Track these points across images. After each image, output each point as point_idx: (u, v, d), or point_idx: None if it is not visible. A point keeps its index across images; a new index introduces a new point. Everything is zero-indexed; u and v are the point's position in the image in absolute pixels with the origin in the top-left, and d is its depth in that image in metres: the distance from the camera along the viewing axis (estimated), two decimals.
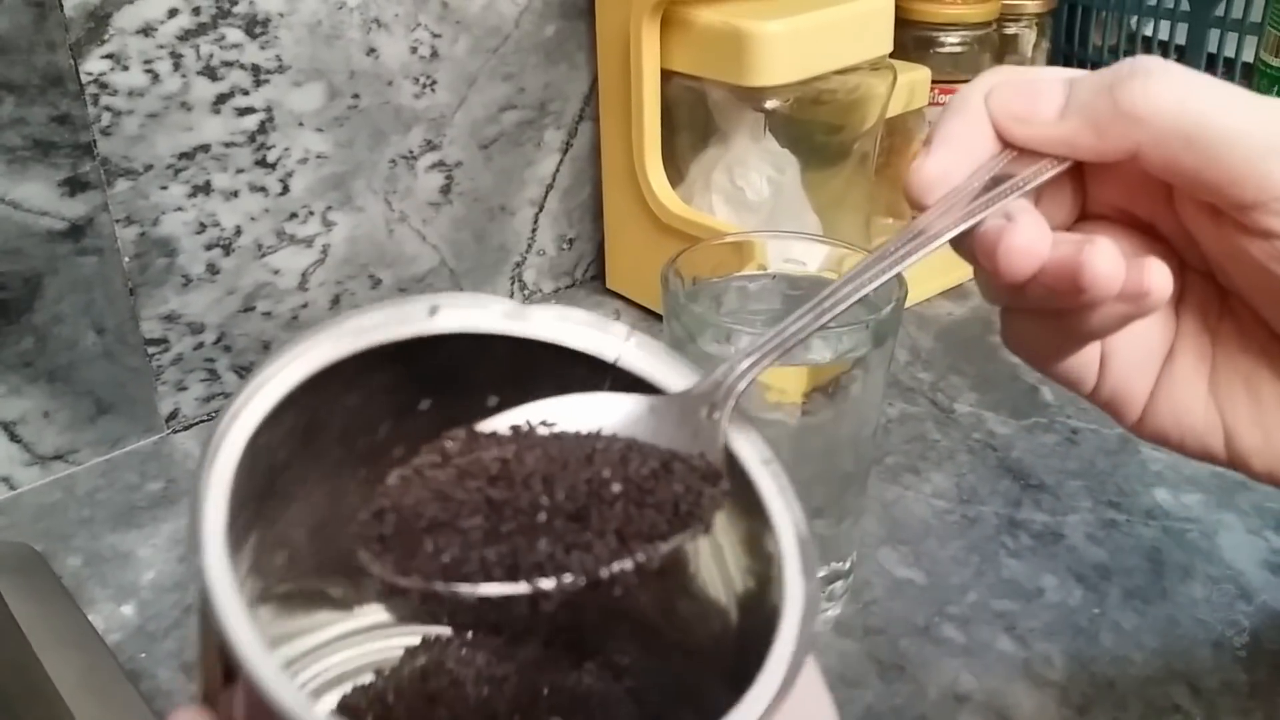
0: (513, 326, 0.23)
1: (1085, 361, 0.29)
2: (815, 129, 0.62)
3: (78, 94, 0.47)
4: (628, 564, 0.19)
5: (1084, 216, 0.28)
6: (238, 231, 0.54)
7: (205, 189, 0.52)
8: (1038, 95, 0.26)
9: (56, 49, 0.46)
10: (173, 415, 0.55)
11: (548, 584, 0.19)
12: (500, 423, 0.22)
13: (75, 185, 0.48)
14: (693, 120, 0.62)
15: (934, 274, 0.69)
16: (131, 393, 0.53)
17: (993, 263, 0.25)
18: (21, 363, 0.49)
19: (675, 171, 0.63)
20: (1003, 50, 0.76)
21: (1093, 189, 0.28)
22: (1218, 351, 0.28)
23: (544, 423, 0.22)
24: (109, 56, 0.47)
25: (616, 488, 0.20)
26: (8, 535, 0.48)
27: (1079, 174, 0.28)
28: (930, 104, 0.72)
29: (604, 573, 0.19)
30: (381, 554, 0.19)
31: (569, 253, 0.70)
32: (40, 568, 0.45)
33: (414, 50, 0.57)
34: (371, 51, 0.56)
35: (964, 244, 0.26)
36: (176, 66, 0.49)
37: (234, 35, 0.51)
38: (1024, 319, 0.29)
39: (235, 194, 0.53)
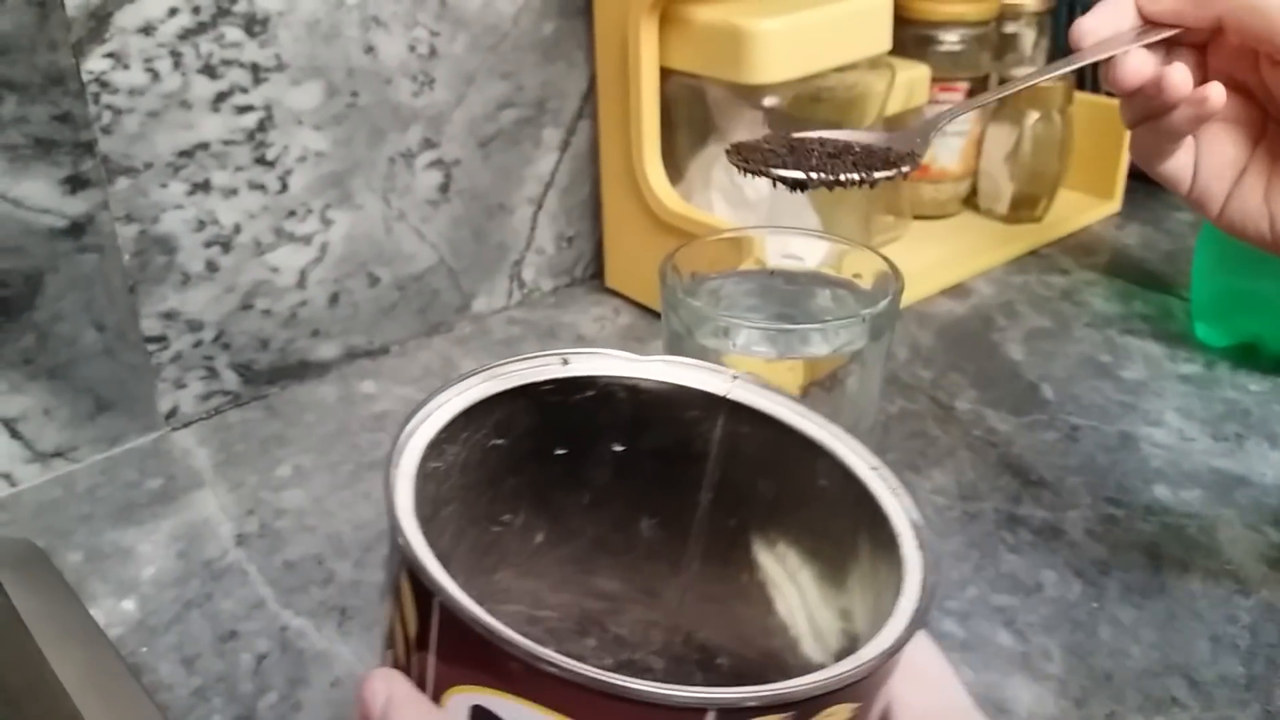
0: (636, 369, 0.28)
1: (1181, 167, 0.39)
2: (814, 125, 0.62)
3: (79, 92, 0.47)
4: (856, 177, 0.33)
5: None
6: (237, 229, 0.54)
7: (204, 187, 0.52)
8: None
9: (58, 48, 0.46)
10: (172, 413, 0.55)
11: (814, 175, 0.33)
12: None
13: (76, 183, 0.48)
14: (691, 118, 0.62)
15: (933, 271, 0.69)
16: (131, 390, 0.53)
17: (1115, 77, 0.37)
18: (22, 360, 0.49)
19: (674, 169, 0.63)
20: (1002, 48, 0.76)
21: (1210, 60, 0.38)
22: (1274, 173, 0.38)
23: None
24: (110, 55, 0.48)
25: (857, 149, 0.35)
26: (9, 531, 0.48)
27: (1201, 51, 0.38)
28: (929, 102, 0.72)
29: (844, 177, 0.33)
30: (734, 154, 0.34)
31: (568, 251, 0.70)
32: (42, 563, 0.45)
33: (412, 48, 0.57)
34: (370, 50, 0.56)
35: (1102, 71, 0.37)
36: (176, 65, 0.50)
37: (233, 34, 0.51)
38: (1141, 131, 0.39)
39: (234, 192, 0.54)
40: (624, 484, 0.29)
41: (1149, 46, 0.37)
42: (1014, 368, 0.60)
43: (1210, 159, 0.39)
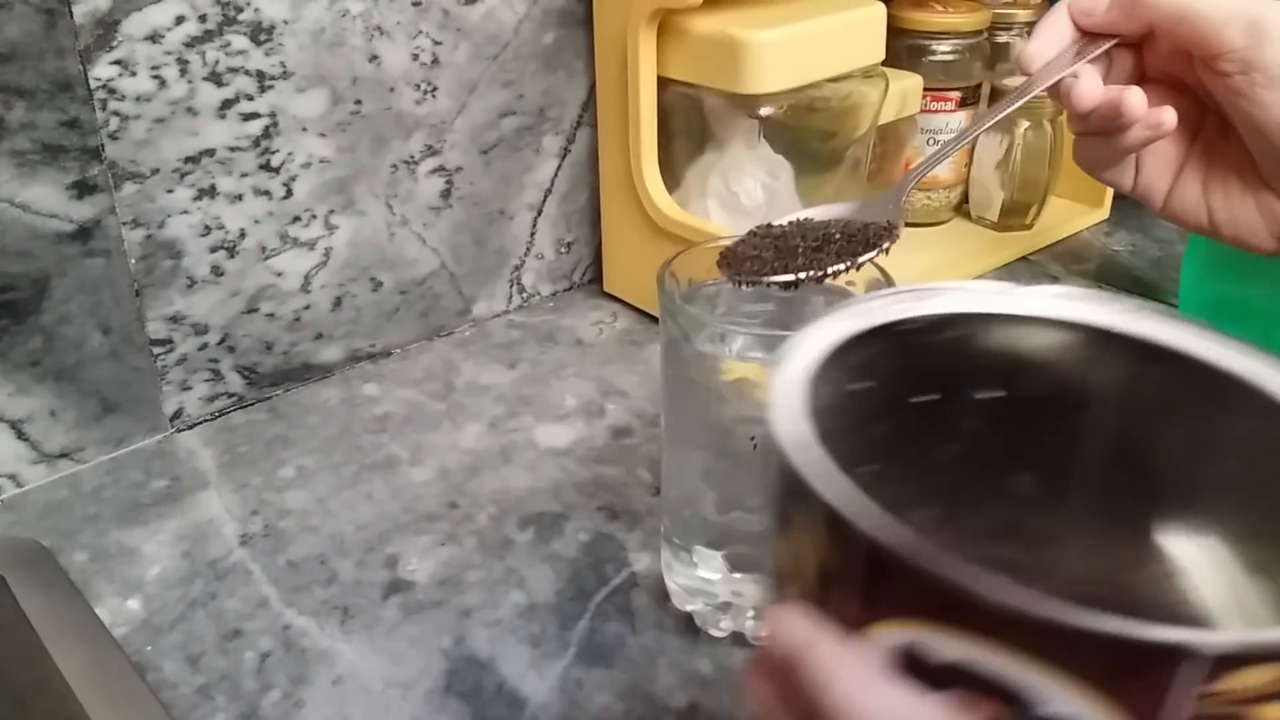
0: (1006, 304, 0.25)
1: (1125, 169, 0.42)
2: (809, 135, 0.63)
3: (86, 99, 0.48)
4: (842, 266, 0.36)
5: (1144, 80, 0.41)
6: (242, 234, 0.55)
7: (210, 192, 0.53)
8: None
9: (66, 55, 0.47)
10: (177, 414, 0.56)
11: (803, 275, 0.35)
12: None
13: (83, 188, 0.49)
14: (689, 127, 0.63)
15: (926, 278, 0.70)
16: (137, 392, 0.54)
17: (1068, 102, 0.39)
18: (29, 362, 0.50)
19: (671, 177, 0.64)
20: (994, 58, 0.77)
21: (1146, 58, 0.41)
22: (1209, 166, 0.41)
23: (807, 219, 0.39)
24: (117, 62, 0.48)
25: (837, 235, 0.37)
26: (15, 531, 0.49)
27: (1138, 50, 0.41)
28: (922, 111, 0.73)
29: (831, 270, 0.36)
30: (725, 266, 0.37)
31: (567, 256, 0.71)
32: (48, 563, 0.46)
33: (415, 57, 0.58)
34: (374, 58, 0.57)
35: (1054, 92, 0.40)
36: (183, 72, 0.50)
37: (239, 42, 0.52)
38: (1089, 141, 0.42)
39: (240, 197, 0.54)
40: (997, 434, 0.25)
41: (1094, 59, 0.40)
42: None
43: (1151, 158, 0.42)
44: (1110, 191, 0.82)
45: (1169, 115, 0.39)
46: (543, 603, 0.44)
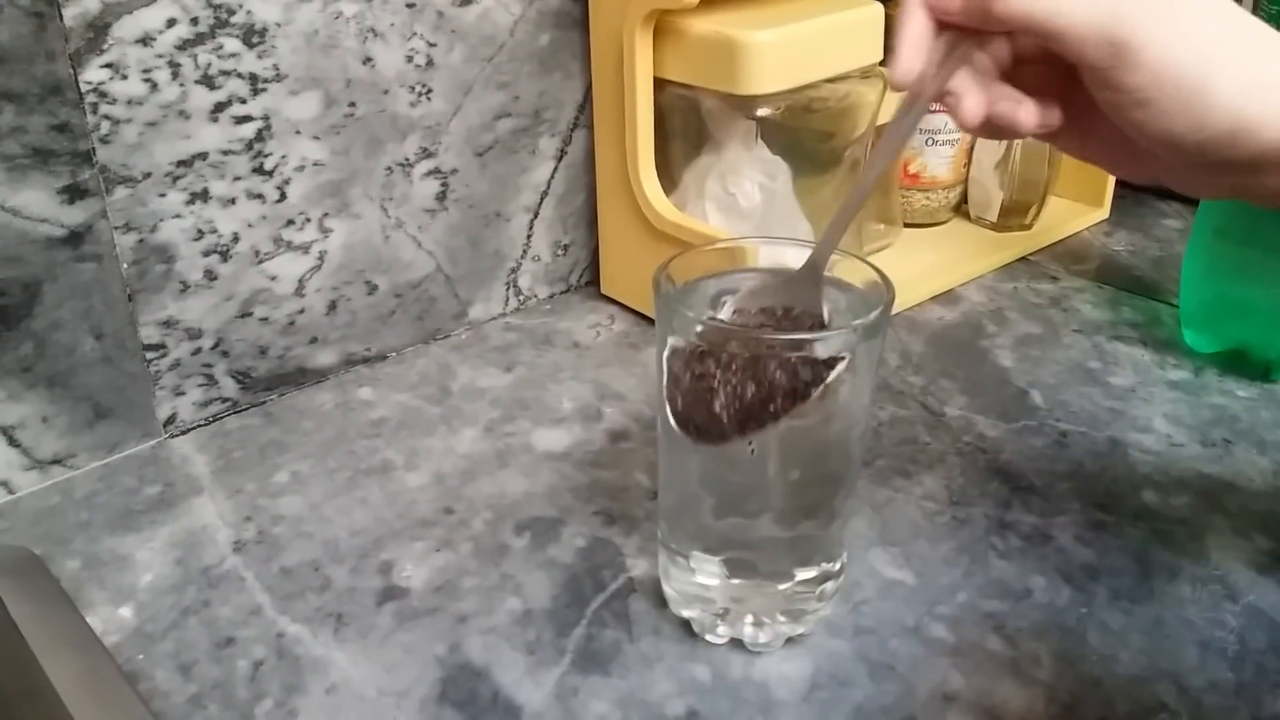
0: None
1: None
2: (807, 136, 0.62)
3: (77, 103, 0.48)
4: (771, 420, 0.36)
5: (1021, 59, 0.39)
6: (235, 238, 0.55)
7: (203, 196, 0.53)
8: None
9: (56, 58, 0.46)
10: (170, 420, 0.56)
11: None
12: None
13: (74, 193, 0.49)
14: (686, 128, 0.63)
15: (924, 279, 0.70)
16: (130, 397, 0.54)
17: (954, 119, 0.38)
18: (20, 368, 0.49)
19: (669, 179, 0.64)
20: None
21: (1018, 40, 0.38)
22: (1087, 128, 0.39)
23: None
24: (108, 66, 0.48)
25: (766, 386, 0.36)
26: (7, 539, 0.48)
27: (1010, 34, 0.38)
28: None
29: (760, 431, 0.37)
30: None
31: (564, 258, 0.70)
32: (39, 571, 0.46)
33: (410, 59, 0.58)
34: (368, 60, 0.56)
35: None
36: (175, 75, 0.50)
37: (232, 45, 0.51)
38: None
39: (233, 201, 0.54)
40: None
41: (990, 46, 0.37)
42: (1004, 374, 0.60)
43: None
44: (1110, 191, 0.81)
45: (1057, 117, 0.37)
46: (539, 609, 0.43)
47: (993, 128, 0.38)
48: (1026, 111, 0.37)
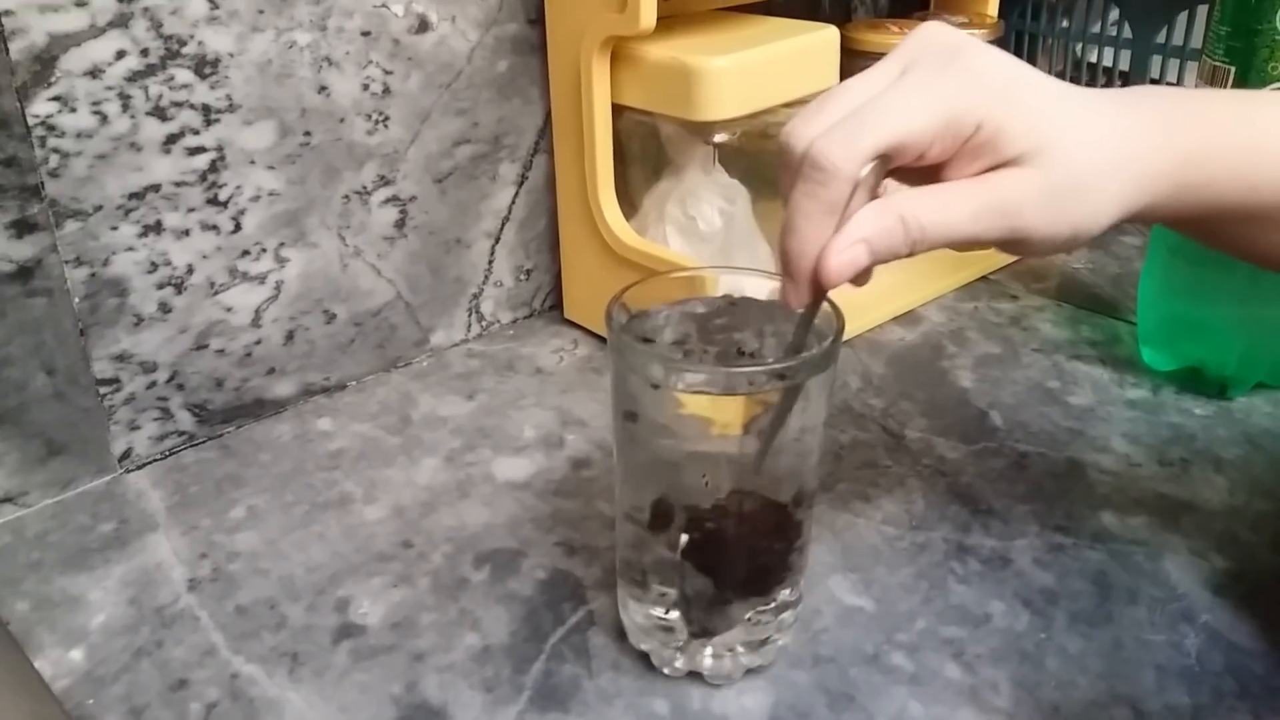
0: None
1: None
2: (765, 161, 0.63)
3: (24, 136, 0.47)
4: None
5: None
6: (189, 270, 0.54)
7: (156, 228, 0.52)
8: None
9: (2, 92, 0.46)
10: (125, 455, 0.55)
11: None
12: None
13: (23, 227, 0.48)
14: (645, 153, 0.63)
15: (884, 300, 0.70)
16: (83, 433, 0.53)
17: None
18: None
19: (629, 203, 0.64)
20: None
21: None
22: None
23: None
24: (56, 99, 0.47)
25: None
26: None
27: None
28: None
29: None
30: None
31: (526, 283, 0.70)
32: None
33: (366, 87, 0.58)
34: (323, 89, 0.56)
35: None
36: (125, 107, 0.50)
37: (183, 76, 0.51)
38: None
39: (187, 233, 0.53)
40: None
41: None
42: (964, 395, 0.60)
43: None
44: None
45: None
46: (497, 645, 0.43)
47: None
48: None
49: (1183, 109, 0.37)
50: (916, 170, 0.36)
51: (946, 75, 0.35)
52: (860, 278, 0.37)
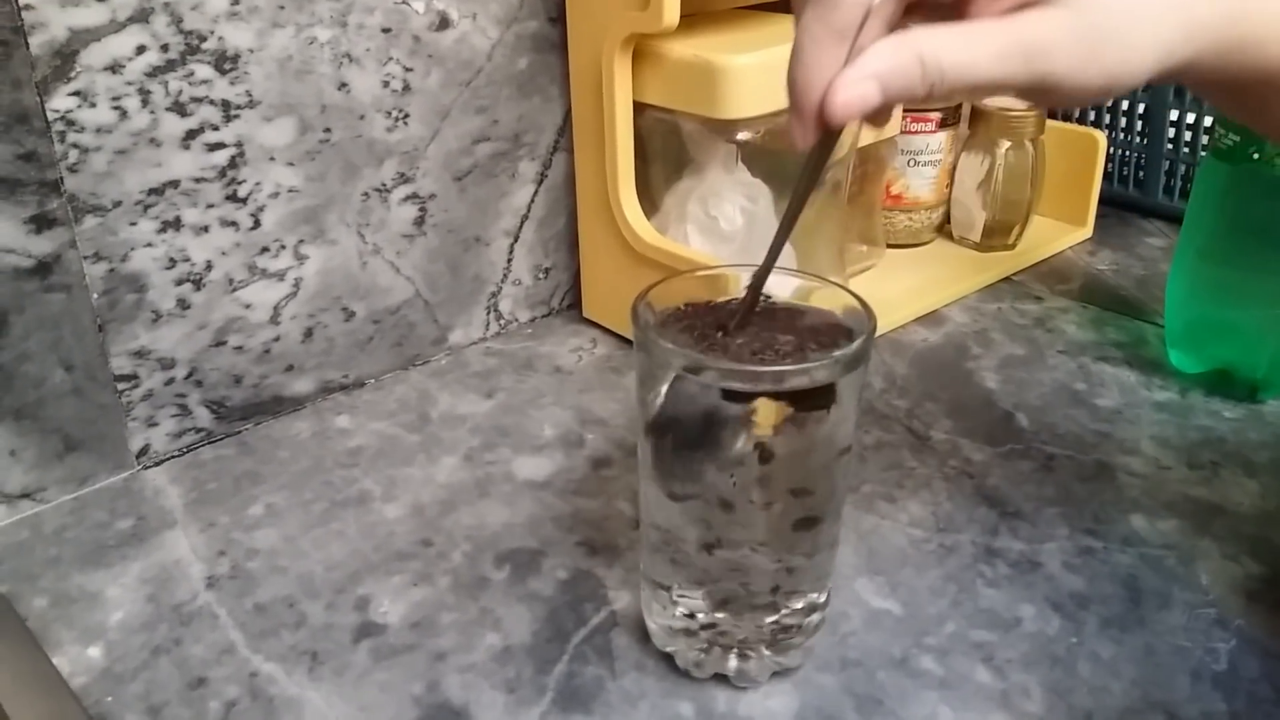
0: None
1: None
2: (787, 159, 0.62)
3: (44, 131, 0.47)
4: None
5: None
6: (208, 266, 0.54)
7: (175, 224, 0.52)
8: None
9: (22, 86, 0.46)
10: (143, 451, 0.55)
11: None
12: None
13: (42, 222, 0.48)
14: (666, 152, 0.62)
15: (908, 300, 0.69)
16: (101, 429, 0.53)
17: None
18: None
19: (649, 202, 0.63)
20: None
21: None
22: None
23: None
24: (76, 93, 0.47)
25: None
26: None
27: None
28: (901, 132, 0.73)
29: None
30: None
31: (545, 282, 0.70)
32: (5, 610, 0.44)
33: (386, 84, 0.57)
34: (343, 86, 0.56)
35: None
36: (145, 103, 0.49)
37: (203, 71, 0.51)
38: None
39: (205, 229, 0.53)
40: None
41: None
42: (989, 396, 0.60)
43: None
44: (1094, 210, 0.81)
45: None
46: (519, 645, 0.42)
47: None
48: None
49: None
50: (941, 8, 0.34)
51: None
52: (878, 118, 0.34)
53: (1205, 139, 0.78)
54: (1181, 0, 0.33)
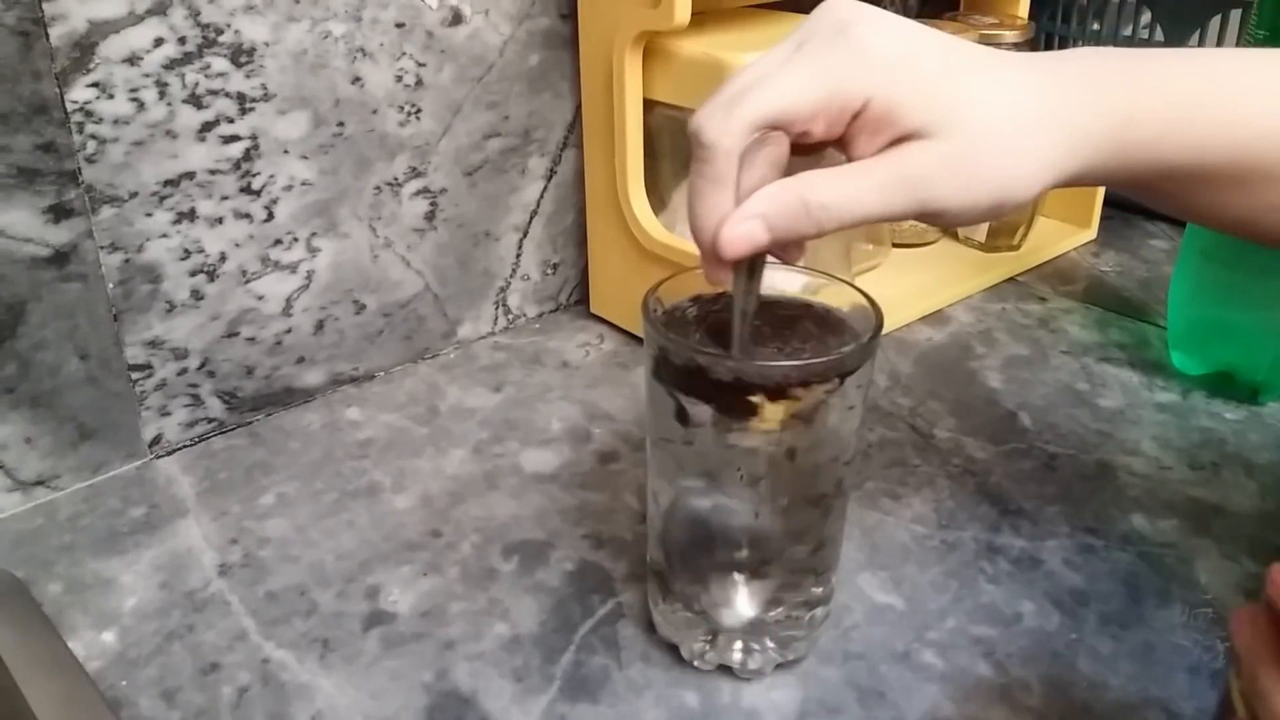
0: None
1: None
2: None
3: (62, 122, 0.47)
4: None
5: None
6: (222, 258, 0.54)
7: (190, 216, 0.53)
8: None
9: (41, 77, 0.46)
10: (156, 440, 0.55)
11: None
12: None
13: (60, 212, 0.48)
14: (675, 149, 0.63)
15: (912, 299, 0.70)
16: (115, 418, 0.53)
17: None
18: (4, 389, 0.49)
19: (658, 198, 0.64)
20: None
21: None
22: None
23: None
24: (94, 85, 0.48)
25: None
26: None
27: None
28: None
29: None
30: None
31: (553, 278, 0.70)
32: (20, 595, 0.45)
33: (399, 79, 0.58)
34: (357, 80, 0.56)
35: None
36: (162, 95, 0.50)
37: (219, 64, 0.51)
38: None
39: (220, 220, 0.54)
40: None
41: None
42: (992, 395, 0.60)
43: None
44: (1098, 212, 0.82)
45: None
46: (527, 635, 0.43)
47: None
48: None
49: (1118, 67, 0.35)
50: (823, 149, 0.36)
51: (832, 50, 0.34)
52: (786, 254, 0.37)
53: None
54: (1061, 117, 0.34)
